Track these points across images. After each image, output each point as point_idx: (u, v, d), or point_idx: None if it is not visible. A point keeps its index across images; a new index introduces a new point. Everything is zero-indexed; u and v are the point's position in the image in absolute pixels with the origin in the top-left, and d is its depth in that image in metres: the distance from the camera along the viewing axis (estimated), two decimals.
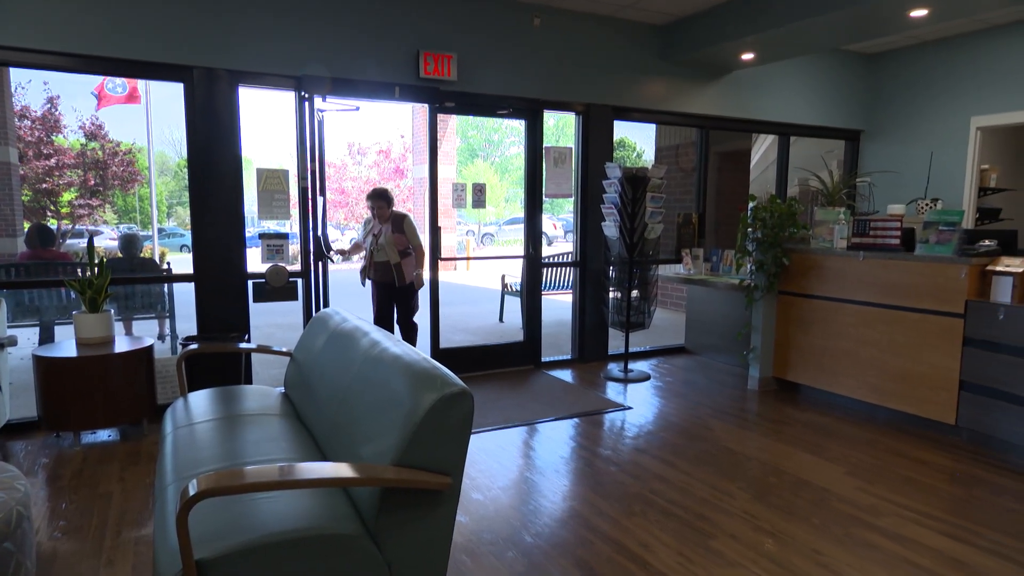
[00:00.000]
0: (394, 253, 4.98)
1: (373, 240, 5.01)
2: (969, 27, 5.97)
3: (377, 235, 5.00)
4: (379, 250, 4.99)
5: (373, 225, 5.06)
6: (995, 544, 2.73)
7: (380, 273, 5.07)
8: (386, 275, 5.04)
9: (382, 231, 5.00)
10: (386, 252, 4.99)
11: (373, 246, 5.01)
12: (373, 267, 5.07)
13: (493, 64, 5.16)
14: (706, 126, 6.29)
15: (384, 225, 5.03)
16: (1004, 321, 3.62)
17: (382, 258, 5.00)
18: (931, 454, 3.74)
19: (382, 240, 4.98)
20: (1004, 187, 6.77)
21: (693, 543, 2.73)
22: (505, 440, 3.97)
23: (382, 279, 5.07)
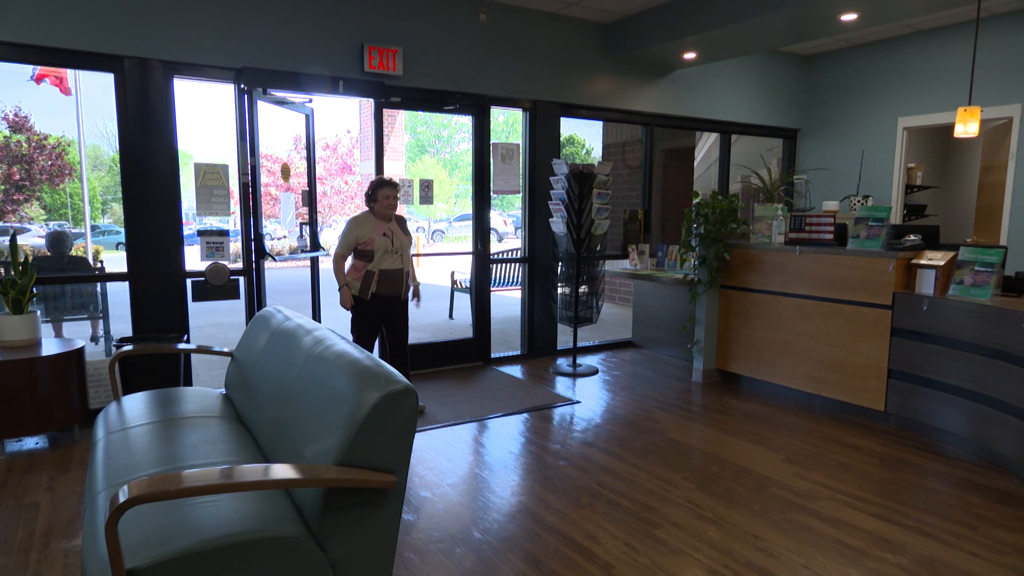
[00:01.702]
0: (407, 258, 4.27)
1: (386, 243, 4.15)
2: (896, 31, 6.25)
3: (389, 236, 4.18)
4: (392, 254, 4.17)
5: (377, 225, 4.16)
6: (920, 523, 2.88)
7: (388, 284, 4.18)
8: (394, 286, 4.20)
9: (392, 232, 4.21)
10: (400, 257, 4.21)
11: (387, 250, 4.15)
12: (379, 277, 4.16)
13: (440, 59, 5.12)
14: (651, 123, 6.40)
15: (390, 224, 4.24)
16: (928, 312, 3.81)
17: (393, 265, 4.17)
18: (863, 440, 3.91)
19: (396, 242, 4.19)
20: (929, 184, 7.13)
21: (639, 533, 2.78)
22: (455, 437, 3.96)
23: (389, 291, 4.19)
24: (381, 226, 4.17)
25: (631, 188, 8.65)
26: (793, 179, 6.89)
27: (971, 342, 3.59)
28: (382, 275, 4.15)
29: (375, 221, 4.17)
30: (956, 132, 4.45)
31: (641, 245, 6.18)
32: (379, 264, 4.13)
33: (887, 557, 2.59)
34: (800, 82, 7.25)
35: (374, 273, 4.12)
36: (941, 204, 7.50)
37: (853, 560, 2.57)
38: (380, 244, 4.12)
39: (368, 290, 4.15)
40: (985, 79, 5.62)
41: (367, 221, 4.16)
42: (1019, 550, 2.66)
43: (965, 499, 3.13)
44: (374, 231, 4.13)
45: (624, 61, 5.98)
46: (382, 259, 4.13)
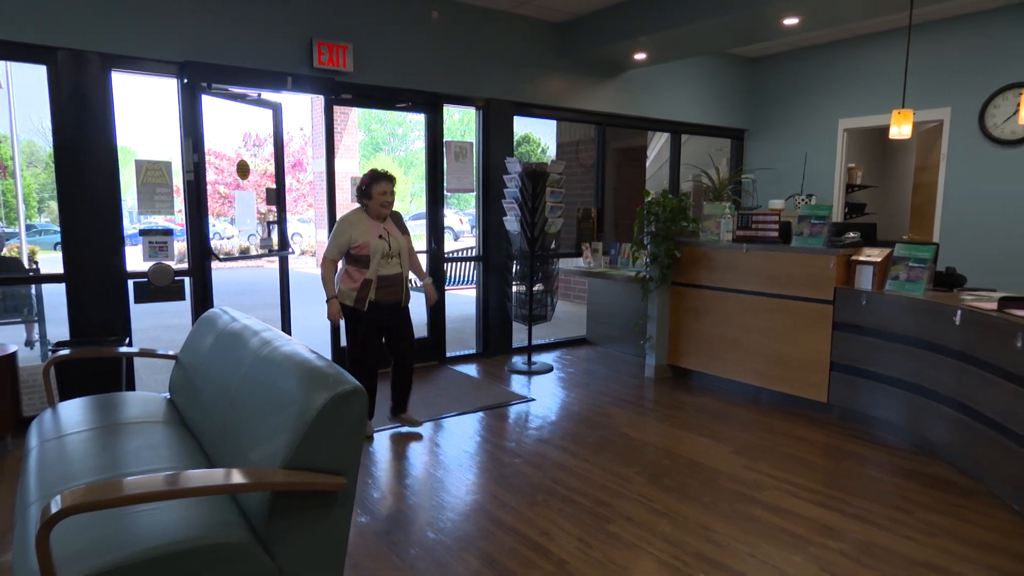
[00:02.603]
0: (406, 260, 3.86)
1: (383, 246, 3.70)
2: (836, 36, 6.47)
3: (386, 238, 3.73)
4: (390, 258, 3.75)
5: (371, 226, 3.71)
6: (859, 509, 2.99)
7: (388, 291, 3.75)
8: (395, 292, 3.79)
9: (388, 232, 3.77)
10: (400, 260, 3.81)
11: (384, 253, 3.71)
12: (378, 284, 3.72)
13: (391, 56, 5.07)
14: (603, 123, 6.47)
15: (385, 224, 3.80)
16: (866, 306, 3.96)
17: (392, 269, 3.76)
18: (808, 431, 4.04)
19: (394, 244, 3.77)
20: (868, 184, 7.42)
21: (592, 528, 2.81)
22: (409, 436, 3.93)
23: (389, 298, 3.77)
24: (376, 227, 3.71)
25: (585, 187, 8.73)
26: (741, 178, 7.07)
27: (906, 335, 3.75)
28: (381, 282, 3.72)
29: (369, 221, 3.70)
30: (891, 134, 4.64)
31: (595, 243, 6.25)
32: (376, 270, 3.69)
33: (828, 543, 2.69)
34: (747, 84, 7.44)
35: (372, 281, 3.68)
36: (879, 203, 7.80)
37: (797, 547, 2.66)
38: (376, 248, 3.66)
39: (365, 300, 3.69)
40: (918, 83, 5.87)
41: (360, 221, 3.69)
42: (949, 532, 2.79)
43: (901, 485, 3.26)
44: (368, 233, 3.66)
45: (577, 61, 6.03)
46: (380, 264, 3.69)
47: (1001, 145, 5.53)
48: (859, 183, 7.18)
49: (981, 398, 3.21)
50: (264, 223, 5.11)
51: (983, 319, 3.19)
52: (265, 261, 15.46)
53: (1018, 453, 2.92)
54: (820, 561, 2.55)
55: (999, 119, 5.49)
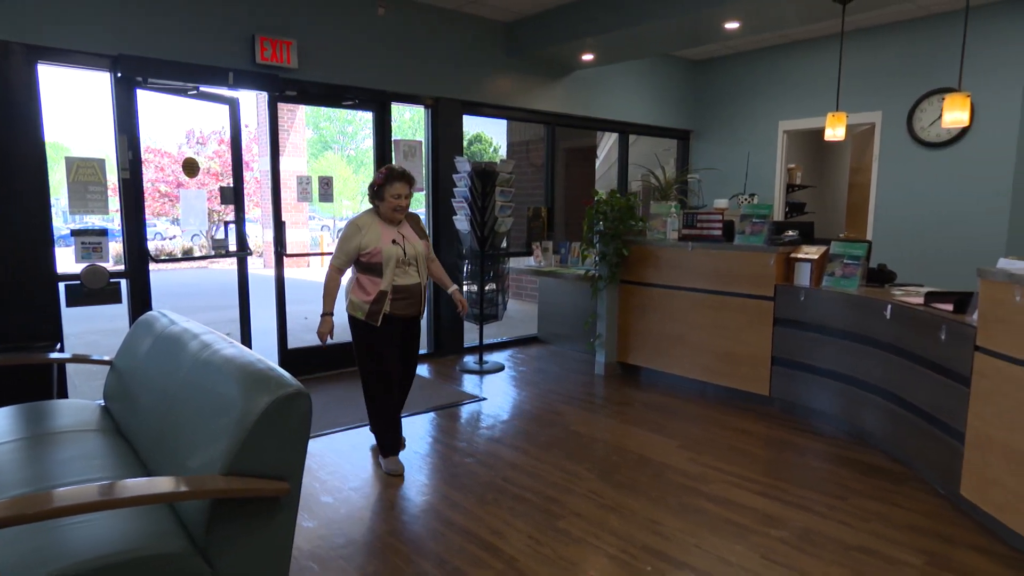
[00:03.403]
0: (424, 268, 3.44)
1: (397, 252, 3.27)
2: (776, 41, 6.68)
3: (400, 244, 3.29)
4: (406, 266, 3.31)
5: (384, 230, 3.28)
6: (799, 498, 3.10)
7: (404, 303, 3.32)
8: (413, 305, 3.36)
9: (404, 237, 3.34)
10: (418, 268, 3.37)
11: (399, 261, 3.27)
12: (393, 296, 3.29)
13: (338, 53, 4.99)
14: (552, 123, 6.52)
15: (400, 227, 3.36)
16: (804, 302, 4.11)
17: (409, 279, 3.31)
18: (751, 423, 4.17)
19: (410, 250, 3.34)
20: (807, 184, 7.69)
21: (542, 525, 2.84)
22: (359, 439, 3.88)
23: (406, 312, 3.34)
24: (389, 231, 3.27)
25: (535, 186, 8.78)
26: (687, 178, 7.23)
27: (841, 329, 3.91)
28: (396, 293, 3.26)
29: (381, 224, 3.29)
30: (826, 136, 4.83)
31: (545, 242, 6.29)
32: (391, 280, 3.24)
33: (769, 532, 2.78)
34: (692, 86, 7.61)
35: (387, 293, 3.24)
36: (818, 202, 8.10)
37: (740, 536, 2.74)
38: (389, 254, 3.22)
39: (379, 313, 3.24)
40: (852, 87, 6.12)
41: (371, 224, 3.26)
42: (882, 517, 2.92)
43: (837, 473, 3.40)
44: (380, 238, 3.23)
45: (526, 60, 6.06)
46: (395, 273, 3.25)
47: (928, 147, 5.81)
48: (799, 183, 7.43)
49: (910, 388, 3.37)
50: (221, 223, 4.93)
51: (911, 313, 3.35)
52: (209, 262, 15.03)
53: (943, 440, 3.08)
54: (761, 549, 2.64)
55: (926, 122, 5.77)
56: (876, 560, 2.56)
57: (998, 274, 2.68)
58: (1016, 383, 2.59)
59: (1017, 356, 2.58)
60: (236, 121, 4.81)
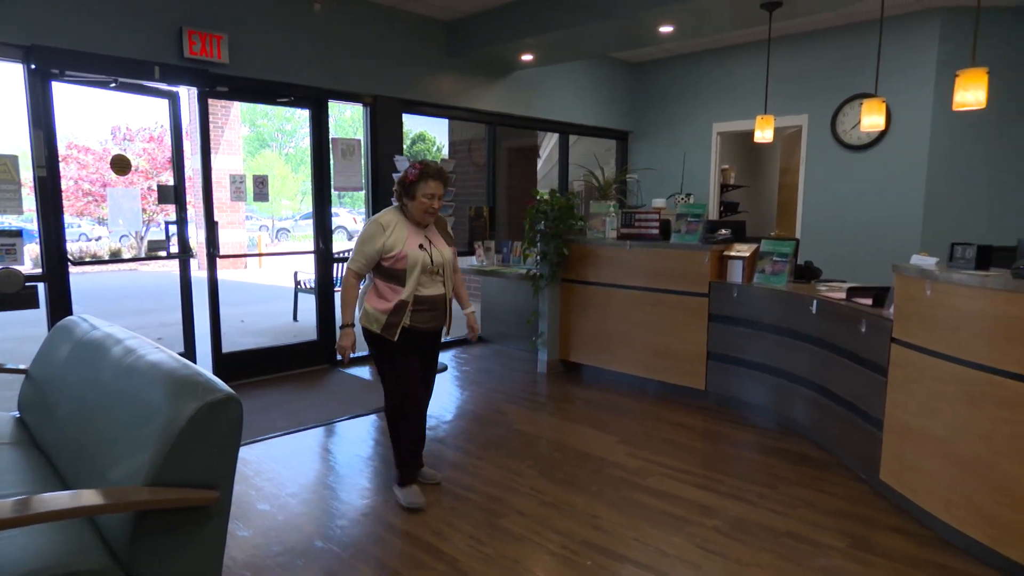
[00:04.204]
0: (450, 278, 3.06)
1: (423, 257, 2.90)
2: (710, 45, 6.88)
3: (427, 248, 2.92)
4: (433, 275, 2.95)
5: (410, 232, 2.91)
6: (732, 488, 3.21)
7: (426, 316, 2.94)
8: (436, 318, 2.99)
9: (431, 241, 2.97)
10: (443, 277, 3.00)
11: (425, 268, 2.90)
12: (414, 307, 2.91)
13: (272, 48, 4.86)
14: (493, 122, 6.53)
15: (427, 230, 3.00)
16: (737, 298, 4.25)
17: (434, 289, 2.95)
18: (688, 417, 4.28)
19: (437, 257, 2.96)
20: (740, 184, 7.95)
21: (483, 524, 2.84)
22: (298, 444, 3.80)
23: (427, 325, 2.96)
24: (416, 234, 2.90)
25: (478, 185, 8.77)
26: (626, 178, 7.37)
27: (771, 324, 4.06)
28: (418, 304, 2.90)
29: (408, 225, 2.91)
30: (756, 138, 5.00)
31: (487, 242, 6.29)
32: (414, 289, 2.87)
33: (705, 522, 2.87)
34: (630, 87, 7.76)
35: (407, 303, 2.87)
36: (751, 201, 8.39)
37: (676, 528, 2.81)
38: (416, 259, 2.85)
39: (397, 327, 2.87)
40: (780, 91, 6.36)
41: (396, 224, 2.88)
42: (809, 503, 3.05)
43: (768, 463, 3.53)
44: (407, 240, 2.87)
45: (466, 60, 6.05)
46: (419, 281, 2.88)
47: (850, 150, 6.11)
48: (732, 183, 7.68)
49: (834, 379, 3.53)
50: (154, 223, 4.71)
51: (834, 308, 3.51)
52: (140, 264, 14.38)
53: (864, 428, 3.24)
54: (697, 539, 2.72)
55: (847, 126, 6.06)
56: (803, 545, 2.68)
57: (911, 270, 2.84)
58: (927, 372, 2.75)
59: (928, 347, 2.74)
60: (177, 117, 4.63)
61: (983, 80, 3.36)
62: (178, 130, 4.65)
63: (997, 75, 5.39)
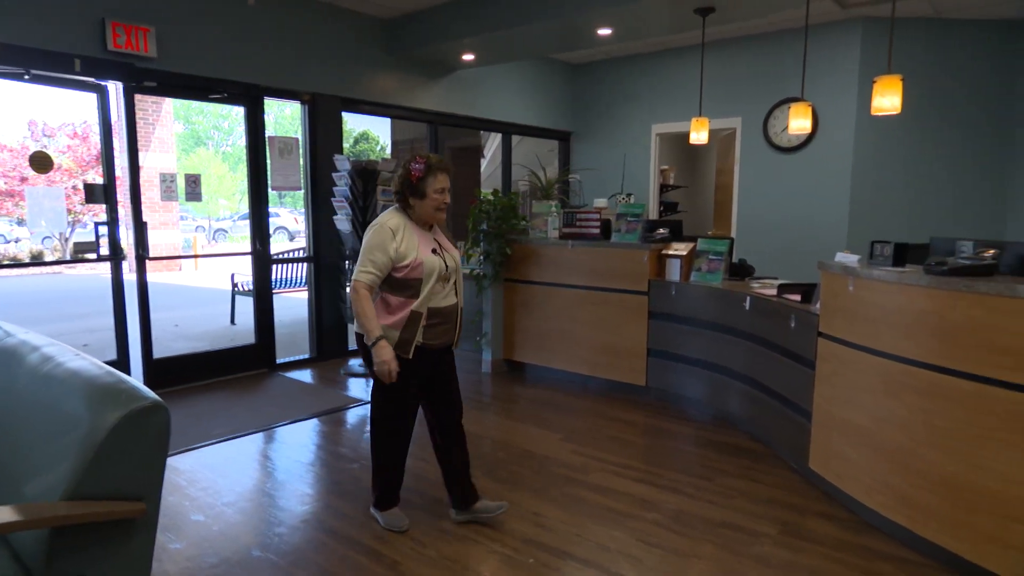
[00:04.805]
0: (461, 286, 2.78)
1: (438, 264, 2.61)
2: (649, 48, 7.03)
3: (440, 253, 2.65)
4: (446, 283, 2.66)
5: (421, 236, 2.63)
6: (671, 481, 3.29)
7: (439, 329, 2.67)
8: (448, 332, 2.71)
9: (441, 245, 2.69)
10: (455, 286, 2.71)
11: (440, 275, 2.62)
12: (427, 320, 2.61)
13: (204, 43, 4.70)
14: (435, 122, 6.50)
15: (433, 232, 2.72)
16: (675, 296, 4.36)
17: (447, 300, 2.67)
18: (629, 413, 4.36)
19: (450, 262, 2.69)
20: (679, 184, 8.15)
21: (426, 526, 2.82)
22: (235, 451, 3.68)
23: (439, 340, 2.68)
24: (425, 237, 2.63)
25: None
26: (568, 178, 7.45)
27: (708, 320, 4.18)
28: (432, 317, 2.61)
29: (416, 229, 2.63)
30: (691, 139, 5.14)
31: None
32: (429, 300, 2.59)
33: (645, 515, 2.93)
34: (572, 88, 7.85)
35: (421, 315, 2.59)
36: (689, 201, 8.61)
37: (617, 522, 2.86)
38: (432, 266, 2.57)
39: (411, 343, 2.58)
40: (715, 94, 6.56)
41: (406, 229, 2.59)
42: (744, 493, 3.16)
43: (706, 456, 3.64)
44: (420, 246, 2.59)
45: (407, 58, 5.99)
46: (433, 291, 2.59)
47: (781, 152, 6.34)
48: (672, 183, 7.87)
49: (767, 373, 3.67)
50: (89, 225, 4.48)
51: (766, 304, 3.64)
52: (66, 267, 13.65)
53: (794, 420, 3.37)
54: (637, 533, 2.77)
55: (778, 128, 6.29)
56: (739, 534, 2.77)
57: (835, 267, 2.98)
58: (851, 365, 2.88)
59: (851, 340, 2.87)
60: (106, 112, 4.42)
61: (898, 87, 3.55)
62: (108, 126, 4.45)
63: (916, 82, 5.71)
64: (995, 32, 5.72)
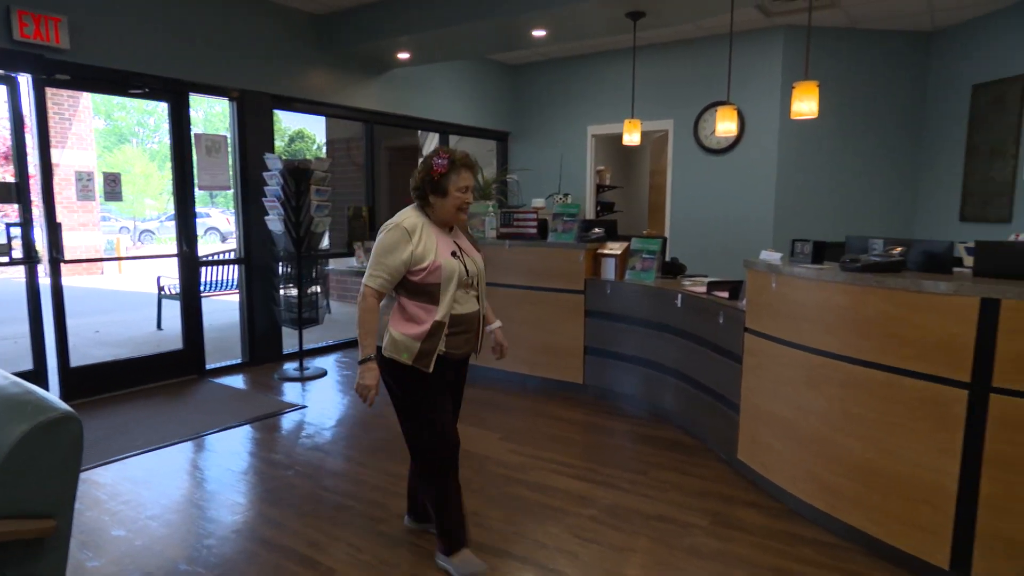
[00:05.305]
0: (484, 292, 2.55)
1: (458, 268, 2.37)
2: (585, 50, 7.13)
3: (460, 257, 2.41)
4: (468, 289, 2.44)
5: (440, 237, 2.39)
6: (608, 477, 3.35)
7: (461, 338, 2.43)
8: (470, 341, 2.49)
9: (462, 248, 2.46)
10: (476, 291, 2.49)
11: (461, 281, 2.38)
12: (450, 329, 2.38)
13: (122, 34, 4.48)
14: (370, 121, 6.40)
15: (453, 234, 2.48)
16: (611, 295, 4.44)
17: (469, 306, 2.44)
18: (567, 411, 4.41)
19: (471, 266, 2.45)
20: (615, 184, 8.30)
21: (363, 531, 2.78)
22: (161, 462, 3.53)
23: (460, 350, 2.45)
24: (445, 239, 2.40)
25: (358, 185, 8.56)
26: (506, 178, 7.48)
27: (642, 318, 4.28)
28: (453, 325, 2.38)
29: (436, 230, 2.40)
30: (624, 141, 5.25)
31: (367, 242, 6.16)
32: (451, 307, 2.37)
33: (581, 511, 2.97)
34: (509, 89, 7.88)
35: (444, 324, 2.35)
36: (625, 201, 8.78)
37: (555, 519, 2.89)
38: (452, 270, 2.34)
39: (432, 355, 2.34)
40: (648, 97, 6.71)
41: (424, 229, 2.35)
42: (677, 486, 3.24)
43: (641, 451, 3.72)
44: (439, 248, 2.35)
45: (340, 56, 5.88)
46: (456, 298, 2.38)
47: (711, 153, 6.55)
48: (608, 184, 8.00)
49: (698, 368, 3.78)
50: (4, 226, 4.20)
51: (696, 301, 3.75)
52: None
53: (724, 413, 3.49)
54: (574, 528, 2.81)
55: (708, 131, 6.49)
56: (672, 526, 2.85)
57: (760, 264, 3.09)
58: (775, 359, 3.01)
59: (775, 335, 2.99)
60: (17, 106, 4.14)
61: (815, 92, 3.72)
62: (19, 121, 4.18)
63: (835, 88, 6.00)
64: (907, 43, 6.07)
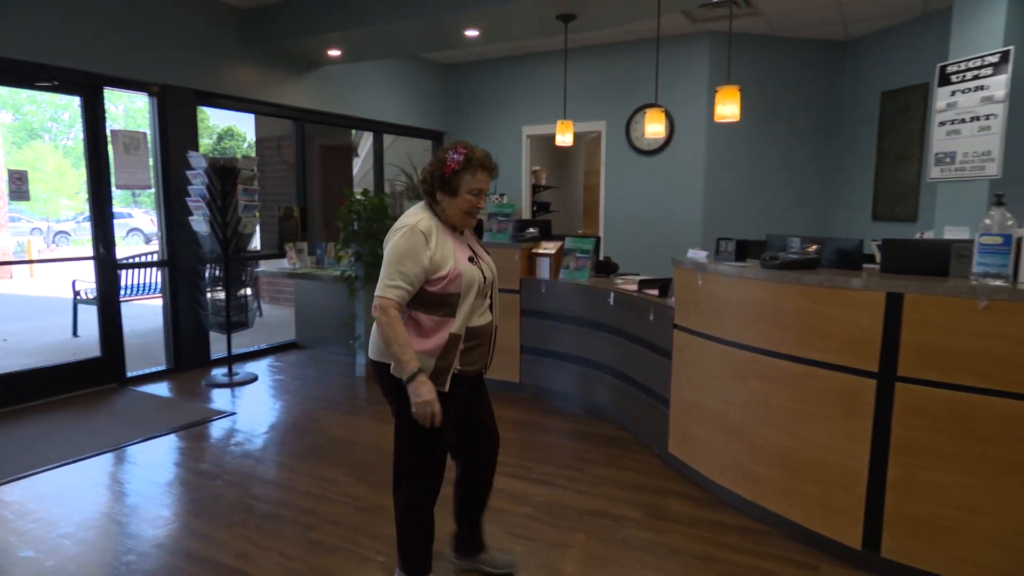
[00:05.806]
0: (496, 301, 2.34)
1: (476, 274, 2.14)
2: (518, 51, 7.16)
3: (477, 262, 2.19)
4: (483, 298, 2.22)
5: (455, 241, 2.17)
6: (544, 475, 3.38)
7: (476, 353, 2.23)
8: (483, 355, 2.28)
9: (476, 253, 2.25)
10: (491, 300, 2.29)
11: (479, 289, 2.15)
12: (466, 343, 2.17)
13: (27, 24, 4.22)
14: (301, 118, 6.25)
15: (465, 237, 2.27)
16: (545, 294, 4.49)
17: (483, 317, 2.23)
18: (505, 410, 4.42)
19: (488, 272, 2.24)
20: (551, 185, 8.39)
21: (294, 539, 2.72)
22: (76, 477, 3.34)
23: (475, 366, 2.25)
24: (460, 244, 2.18)
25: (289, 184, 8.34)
26: None
27: (576, 316, 4.34)
28: (469, 339, 2.17)
29: (448, 232, 2.18)
30: (557, 141, 5.31)
31: (299, 243, 6.01)
32: (469, 318, 2.14)
33: (518, 509, 2.99)
34: (444, 88, 7.84)
35: (460, 337, 2.12)
36: (561, 201, 8.89)
37: (491, 519, 2.88)
38: (472, 278, 2.12)
39: (447, 372, 2.11)
40: (581, 98, 6.81)
41: (437, 231, 2.13)
42: (612, 481, 3.31)
43: (576, 447, 3.77)
44: (456, 254, 2.13)
45: (268, 52, 5.71)
46: (473, 308, 2.15)
47: (643, 154, 6.70)
48: (544, 184, 8.08)
49: (631, 365, 3.86)
50: None
51: (628, 299, 3.84)
52: None
53: (655, 408, 3.58)
54: (509, 526, 2.83)
55: (639, 133, 6.64)
56: (606, 520, 2.90)
57: (687, 262, 3.19)
58: (702, 354, 3.11)
59: (702, 331, 3.09)
60: None
61: (736, 96, 3.86)
62: None
63: (758, 93, 6.24)
64: (823, 50, 6.37)
